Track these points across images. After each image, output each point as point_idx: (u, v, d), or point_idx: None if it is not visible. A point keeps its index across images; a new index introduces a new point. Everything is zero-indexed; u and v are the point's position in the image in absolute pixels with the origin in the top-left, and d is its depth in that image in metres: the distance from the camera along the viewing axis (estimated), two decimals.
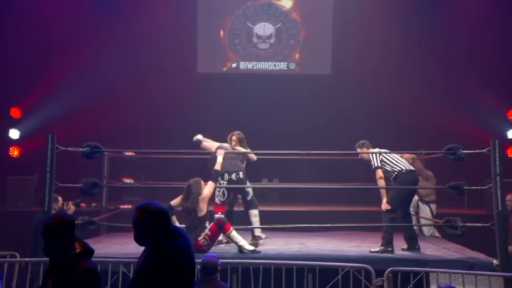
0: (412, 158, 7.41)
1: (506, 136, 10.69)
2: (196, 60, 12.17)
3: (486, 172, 5.98)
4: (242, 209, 6.99)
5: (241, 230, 6.60)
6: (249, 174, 6.94)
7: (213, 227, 5.92)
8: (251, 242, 6.39)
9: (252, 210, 6.78)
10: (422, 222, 8.14)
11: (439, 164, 7.61)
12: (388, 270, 5.15)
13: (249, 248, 6.00)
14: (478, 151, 6.08)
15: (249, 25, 12.33)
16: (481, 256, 6.20)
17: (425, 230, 8.11)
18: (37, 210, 7.32)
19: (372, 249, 6.26)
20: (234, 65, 12.34)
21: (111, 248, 6.44)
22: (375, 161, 6.43)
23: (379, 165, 6.41)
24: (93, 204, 8.51)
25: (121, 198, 9.90)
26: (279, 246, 6.68)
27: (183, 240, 2.93)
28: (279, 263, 5.36)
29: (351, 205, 9.45)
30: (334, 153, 7.89)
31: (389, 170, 6.44)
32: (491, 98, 10.43)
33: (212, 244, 5.96)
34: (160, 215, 2.88)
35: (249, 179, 6.93)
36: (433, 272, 5.29)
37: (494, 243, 5.80)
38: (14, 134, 10.97)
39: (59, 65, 10.78)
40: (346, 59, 11.66)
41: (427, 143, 8.52)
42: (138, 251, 2.97)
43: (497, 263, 5.66)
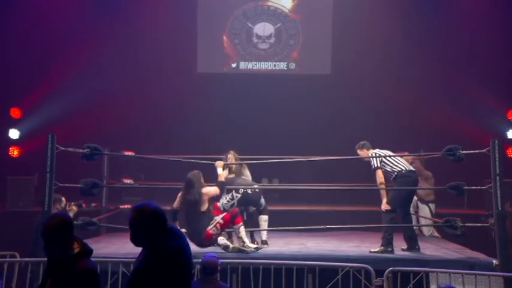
0: (412, 158, 7.42)
1: (506, 136, 10.68)
2: (196, 60, 12.17)
3: (486, 172, 5.98)
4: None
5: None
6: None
7: (226, 216, 6.02)
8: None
9: (263, 215, 6.79)
10: (422, 222, 8.14)
11: (439, 164, 7.61)
12: (388, 270, 5.15)
13: (252, 246, 6.04)
14: (477, 151, 6.08)
15: (249, 25, 12.33)
16: (481, 256, 6.20)
17: (425, 230, 8.12)
18: (37, 210, 7.33)
19: (372, 249, 6.26)
20: (234, 65, 12.34)
21: (111, 248, 6.44)
22: (374, 161, 6.43)
23: (379, 165, 6.41)
24: (93, 204, 8.51)
25: (121, 198, 9.91)
26: (279, 246, 6.69)
27: (180, 240, 2.92)
28: (279, 263, 5.36)
29: (351, 205, 9.45)
30: (333, 159, 7.89)
31: (389, 171, 6.44)
32: (491, 98, 10.43)
33: (219, 234, 6.01)
34: (157, 215, 2.87)
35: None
36: (433, 272, 5.29)
37: (494, 243, 5.80)
38: (14, 134, 10.96)
39: (59, 65, 10.79)
40: (346, 59, 11.66)
41: (427, 143, 8.55)
42: (137, 251, 2.97)
43: (497, 263, 5.66)
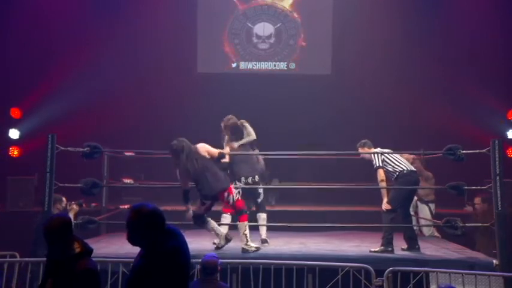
0: (412, 158, 7.42)
1: (506, 136, 10.69)
2: (196, 60, 12.17)
3: (486, 172, 5.98)
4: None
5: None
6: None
7: (239, 202, 6.23)
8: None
9: (261, 213, 6.79)
10: (422, 222, 8.14)
11: (439, 164, 7.61)
12: (388, 270, 5.15)
13: (254, 246, 6.08)
14: (478, 151, 6.08)
15: (249, 25, 12.33)
16: (481, 256, 6.20)
17: (425, 230, 8.12)
18: (37, 210, 7.33)
19: (372, 249, 6.26)
20: (234, 65, 12.34)
21: (111, 248, 6.44)
22: (376, 160, 6.43)
23: (381, 165, 6.41)
24: (93, 204, 8.51)
25: (121, 198, 9.91)
26: (279, 246, 6.68)
27: (178, 240, 2.92)
28: (279, 263, 5.36)
29: (351, 205, 9.45)
30: (335, 153, 7.88)
31: (390, 170, 6.44)
32: (491, 98, 10.43)
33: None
34: (154, 216, 2.87)
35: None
36: (433, 272, 5.29)
37: (494, 243, 5.80)
38: (14, 134, 10.97)
39: (59, 65, 10.78)
40: (346, 59, 11.66)
41: (427, 143, 8.53)
42: (137, 251, 2.98)
43: (497, 263, 5.66)
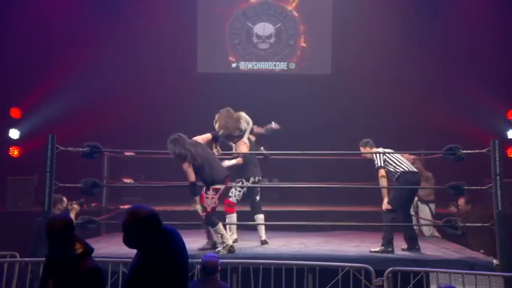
0: (412, 159, 7.41)
1: (506, 136, 10.69)
2: (196, 60, 12.18)
3: (486, 172, 5.98)
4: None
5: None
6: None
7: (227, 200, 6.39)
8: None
9: (259, 214, 6.78)
10: (422, 222, 8.14)
11: (439, 164, 7.61)
12: (388, 270, 5.15)
13: (230, 244, 6.01)
14: (478, 151, 6.08)
15: (249, 25, 12.34)
16: (481, 256, 6.20)
17: (425, 230, 8.12)
18: (37, 210, 7.33)
19: (372, 249, 6.26)
20: (234, 65, 12.35)
21: (111, 248, 6.43)
22: (378, 160, 6.43)
23: (382, 165, 6.41)
24: (93, 204, 8.51)
25: (121, 198, 9.91)
26: (279, 246, 6.68)
27: (176, 241, 2.92)
28: (279, 263, 5.35)
29: (351, 205, 9.45)
30: (336, 153, 7.89)
31: (392, 171, 6.43)
32: (491, 98, 10.43)
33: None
34: (150, 219, 2.86)
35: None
36: (433, 272, 5.29)
37: (494, 243, 5.80)
38: (14, 134, 10.97)
39: (59, 65, 10.78)
40: (346, 59, 11.66)
41: (427, 143, 8.53)
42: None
43: (497, 263, 5.66)
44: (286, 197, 10.81)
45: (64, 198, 6.58)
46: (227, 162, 6.63)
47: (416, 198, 7.87)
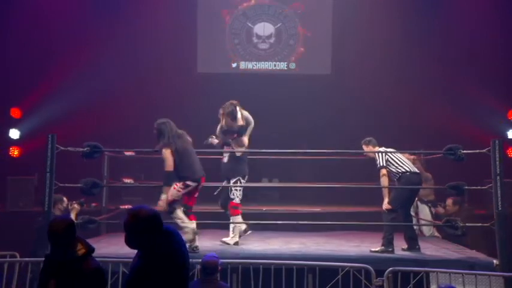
0: (412, 159, 7.41)
1: (506, 136, 10.69)
2: (196, 60, 12.17)
3: (486, 172, 5.98)
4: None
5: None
6: (249, 174, 6.92)
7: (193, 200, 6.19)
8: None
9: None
10: (422, 222, 8.14)
11: (439, 164, 7.61)
12: (388, 270, 5.15)
13: (191, 227, 5.95)
14: (478, 151, 6.08)
15: (249, 25, 12.34)
16: (481, 256, 6.20)
17: (425, 230, 8.12)
18: (37, 210, 7.33)
19: (372, 248, 6.26)
20: (234, 65, 12.34)
21: (111, 248, 6.43)
22: (380, 160, 6.43)
23: (384, 164, 6.40)
24: (93, 204, 8.52)
25: (121, 198, 9.90)
26: (279, 246, 6.68)
27: (177, 242, 2.92)
28: (279, 263, 5.35)
29: (351, 205, 9.44)
30: (336, 152, 7.88)
31: (393, 171, 6.43)
32: (491, 98, 10.42)
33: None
34: (152, 219, 2.86)
35: (249, 179, 6.92)
36: (433, 272, 5.29)
37: (494, 243, 5.80)
38: (14, 134, 10.97)
39: (59, 65, 10.78)
40: (346, 59, 11.66)
41: (427, 143, 8.54)
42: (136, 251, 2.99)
43: (497, 263, 5.66)
44: (286, 197, 10.81)
45: (64, 198, 6.59)
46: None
47: (416, 199, 7.88)
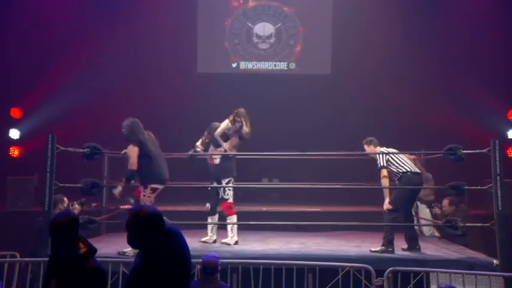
0: (413, 159, 7.41)
1: (507, 136, 10.69)
2: (196, 60, 12.17)
3: (486, 172, 5.98)
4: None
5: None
6: (249, 174, 6.93)
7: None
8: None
9: (216, 215, 6.75)
10: (422, 222, 8.14)
11: (439, 164, 7.61)
12: (388, 270, 5.15)
13: None
14: (478, 151, 6.08)
15: (249, 25, 12.34)
16: (481, 256, 6.20)
17: (425, 230, 8.12)
18: (37, 210, 7.32)
19: (373, 248, 6.26)
20: (234, 65, 12.34)
21: (112, 248, 6.43)
22: (381, 160, 6.43)
23: (385, 164, 6.40)
24: (94, 204, 8.51)
25: (121, 198, 9.88)
26: (279, 246, 6.68)
27: (178, 241, 2.92)
28: (279, 263, 5.36)
29: (351, 205, 9.44)
30: (336, 153, 7.89)
31: (394, 171, 6.43)
32: (491, 98, 10.42)
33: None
34: (153, 219, 2.86)
35: (249, 179, 6.93)
36: (433, 272, 5.30)
37: (495, 243, 5.80)
38: (14, 134, 10.97)
39: (59, 65, 10.78)
40: (346, 59, 11.66)
41: (427, 143, 8.53)
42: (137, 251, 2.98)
43: (498, 263, 5.67)
44: (286, 197, 10.81)
45: (65, 199, 6.59)
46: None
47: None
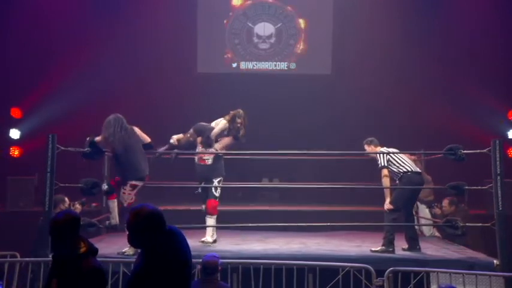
0: (413, 160, 7.41)
1: (507, 136, 10.70)
2: (196, 60, 12.17)
3: (486, 172, 5.98)
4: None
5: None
6: (249, 173, 6.92)
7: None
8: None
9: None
10: (422, 222, 8.14)
11: (440, 165, 7.61)
12: (388, 270, 5.15)
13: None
14: (478, 151, 6.08)
15: (249, 25, 12.34)
16: (481, 256, 6.20)
17: (426, 230, 8.12)
18: (37, 210, 7.32)
19: (373, 248, 6.26)
20: (234, 65, 12.34)
21: (112, 248, 6.43)
22: (381, 160, 6.42)
23: (385, 164, 6.39)
24: (94, 204, 8.51)
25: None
26: (279, 246, 6.69)
27: (179, 241, 2.91)
28: (279, 263, 5.36)
29: (351, 205, 9.45)
30: (336, 153, 7.89)
31: (395, 171, 6.42)
32: (491, 98, 10.43)
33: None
34: (154, 218, 2.85)
35: (249, 179, 6.92)
36: (434, 272, 5.29)
37: (495, 243, 5.80)
38: (14, 134, 10.97)
39: (59, 65, 10.77)
40: (346, 59, 11.66)
41: (427, 143, 8.54)
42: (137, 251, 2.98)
43: (498, 263, 5.67)
44: (286, 197, 10.81)
45: (66, 199, 6.59)
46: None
47: None
